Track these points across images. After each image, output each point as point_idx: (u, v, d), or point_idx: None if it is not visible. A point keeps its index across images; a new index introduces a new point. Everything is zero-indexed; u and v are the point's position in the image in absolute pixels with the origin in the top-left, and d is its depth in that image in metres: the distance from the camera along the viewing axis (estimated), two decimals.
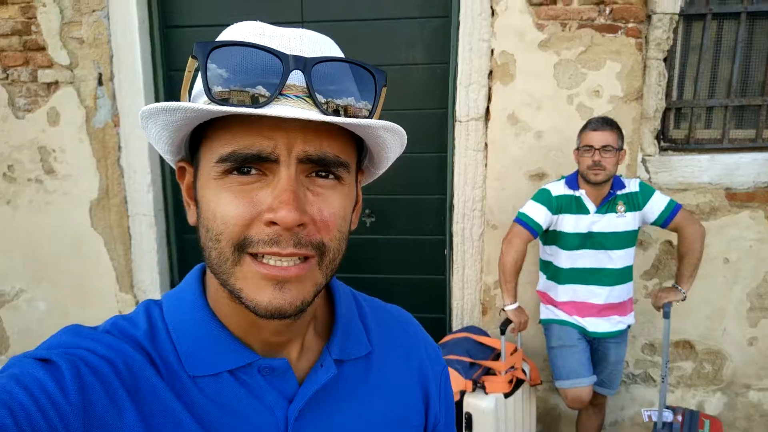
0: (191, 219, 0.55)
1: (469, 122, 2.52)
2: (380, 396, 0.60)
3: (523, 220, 2.18)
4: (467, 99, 2.50)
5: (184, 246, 2.96)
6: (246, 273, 0.48)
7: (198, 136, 0.51)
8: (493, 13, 2.40)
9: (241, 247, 0.48)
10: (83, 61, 2.66)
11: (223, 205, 0.48)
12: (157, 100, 2.75)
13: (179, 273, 2.97)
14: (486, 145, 2.52)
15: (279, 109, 0.45)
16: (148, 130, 0.51)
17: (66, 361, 0.46)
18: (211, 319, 0.55)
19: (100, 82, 2.69)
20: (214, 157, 0.48)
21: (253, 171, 0.48)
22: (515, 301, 2.20)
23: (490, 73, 2.46)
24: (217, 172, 0.48)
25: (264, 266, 0.48)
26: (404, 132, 0.53)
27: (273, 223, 0.46)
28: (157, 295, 2.85)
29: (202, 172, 0.50)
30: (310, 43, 0.50)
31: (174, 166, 0.58)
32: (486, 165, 2.54)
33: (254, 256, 0.48)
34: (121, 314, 0.57)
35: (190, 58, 0.47)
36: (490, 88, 2.48)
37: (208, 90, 0.46)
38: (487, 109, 2.49)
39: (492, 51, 2.43)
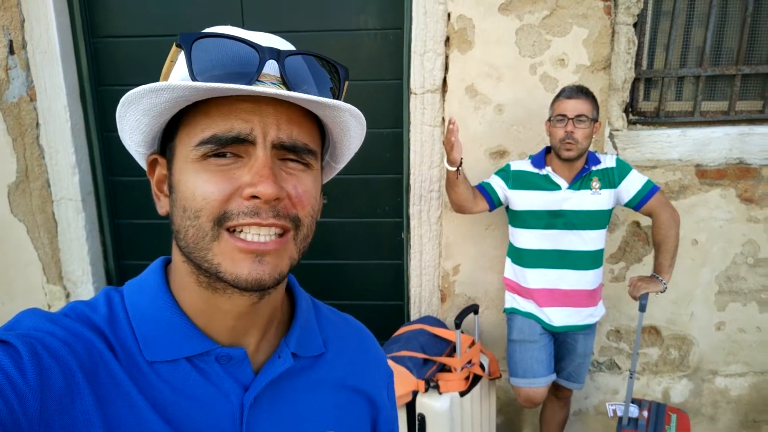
0: (161, 210, 0.56)
1: (425, 94, 2.30)
2: (329, 395, 0.62)
3: (482, 185, 2.10)
4: (422, 69, 2.27)
5: (119, 233, 2.71)
6: (224, 248, 0.49)
7: (173, 127, 0.53)
8: None
9: (220, 222, 0.49)
10: None
11: (202, 183, 0.49)
12: (79, 71, 2.46)
13: (114, 262, 2.73)
14: (443, 119, 2.32)
15: (260, 88, 0.47)
16: (125, 119, 0.52)
17: (24, 344, 0.46)
18: (172, 306, 0.55)
19: (11, 51, 2.38)
20: (193, 142, 0.50)
21: (229, 155, 0.50)
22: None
23: (447, 39, 2.24)
24: (196, 156, 0.50)
25: (242, 241, 0.49)
26: (365, 122, 0.57)
27: (253, 197, 0.48)
28: (89, 287, 2.63)
29: (179, 159, 0.52)
30: (279, 43, 0.54)
31: (143, 164, 0.59)
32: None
33: (231, 232, 0.49)
34: (81, 299, 0.58)
35: (173, 47, 0.51)
36: (447, 57, 2.25)
37: (192, 75, 0.48)
38: (444, 80, 2.28)
39: (449, 15, 2.21)
